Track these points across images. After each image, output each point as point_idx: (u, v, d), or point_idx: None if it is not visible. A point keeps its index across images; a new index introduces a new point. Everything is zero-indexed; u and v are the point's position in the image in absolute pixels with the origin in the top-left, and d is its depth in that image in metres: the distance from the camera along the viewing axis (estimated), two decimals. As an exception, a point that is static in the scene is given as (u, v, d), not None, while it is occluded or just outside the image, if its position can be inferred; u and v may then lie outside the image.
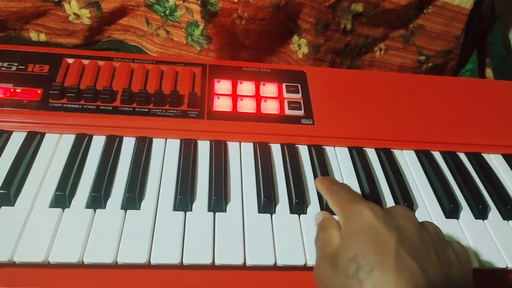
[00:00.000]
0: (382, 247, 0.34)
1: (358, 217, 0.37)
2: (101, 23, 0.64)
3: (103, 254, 0.40)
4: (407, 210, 0.39)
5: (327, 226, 0.41)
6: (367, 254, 0.34)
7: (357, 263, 0.34)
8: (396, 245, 0.34)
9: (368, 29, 0.75)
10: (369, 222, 0.36)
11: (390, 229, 0.35)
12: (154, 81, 0.56)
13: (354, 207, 0.38)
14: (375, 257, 0.33)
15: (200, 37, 0.62)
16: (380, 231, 0.35)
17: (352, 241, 0.36)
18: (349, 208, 0.39)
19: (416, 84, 0.64)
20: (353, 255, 0.34)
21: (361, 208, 0.38)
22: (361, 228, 0.36)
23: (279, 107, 0.56)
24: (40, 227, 0.42)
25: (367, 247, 0.34)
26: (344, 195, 0.41)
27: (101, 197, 0.44)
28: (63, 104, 0.52)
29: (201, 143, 0.53)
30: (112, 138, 0.51)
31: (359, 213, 0.37)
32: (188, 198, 0.45)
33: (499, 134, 0.60)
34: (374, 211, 0.37)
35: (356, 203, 0.39)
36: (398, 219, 0.37)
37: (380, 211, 0.37)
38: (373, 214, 0.36)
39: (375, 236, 0.35)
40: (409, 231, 0.36)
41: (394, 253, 0.33)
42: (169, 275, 0.42)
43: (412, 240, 0.35)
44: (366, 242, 0.35)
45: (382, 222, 0.36)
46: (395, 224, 0.36)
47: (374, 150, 0.56)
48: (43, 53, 0.58)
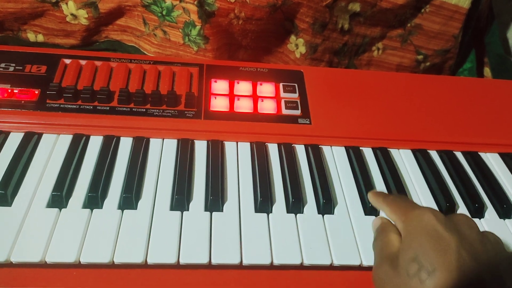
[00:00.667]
0: (444, 249, 0.34)
1: (419, 219, 0.37)
2: (98, 23, 0.64)
3: (100, 254, 0.40)
4: (468, 218, 0.39)
5: (386, 230, 0.41)
6: (429, 255, 0.34)
7: (418, 263, 0.34)
8: (458, 247, 0.34)
9: (365, 29, 0.75)
10: (431, 224, 0.36)
11: (452, 232, 0.35)
12: (151, 81, 0.56)
13: (415, 211, 0.39)
14: (437, 257, 0.34)
15: (197, 37, 0.62)
16: (441, 233, 0.35)
17: (413, 242, 0.36)
18: (409, 212, 0.39)
19: (413, 84, 0.64)
20: (415, 255, 0.35)
21: (423, 211, 0.38)
22: (423, 230, 0.36)
23: (276, 106, 0.56)
24: (37, 227, 0.42)
25: (429, 248, 0.35)
26: (402, 203, 0.42)
27: (98, 197, 0.44)
28: (60, 105, 0.52)
29: (198, 143, 0.53)
30: (109, 138, 0.51)
31: (421, 216, 0.38)
32: (185, 197, 0.46)
33: (496, 133, 0.60)
34: (436, 214, 0.37)
35: (417, 208, 0.39)
36: (459, 225, 0.37)
37: (441, 215, 0.38)
38: (435, 217, 0.37)
39: (436, 238, 0.35)
40: (470, 237, 0.36)
41: (457, 254, 0.34)
42: (166, 275, 0.42)
43: (473, 245, 0.35)
44: (427, 243, 0.35)
45: (444, 225, 0.36)
46: (456, 228, 0.36)
47: (371, 149, 0.57)
48: (40, 53, 0.58)
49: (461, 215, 0.39)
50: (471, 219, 0.39)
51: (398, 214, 0.40)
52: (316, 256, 0.43)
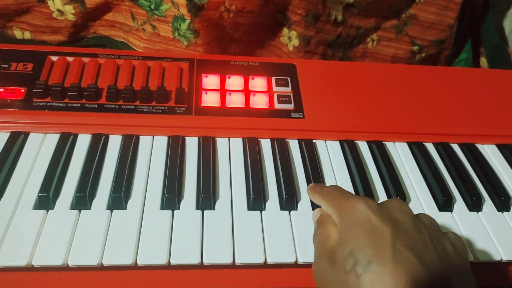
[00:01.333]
0: (378, 240, 0.34)
1: (352, 211, 0.37)
2: (85, 19, 0.62)
3: (88, 256, 0.39)
4: (402, 202, 0.38)
5: (325, 223, 0.40)
6: (364, 248, 0.34)
7: (354, 257, 0.33)
8: (392, 237, 0.34)
9: (359, 20, 0.74)
10: (364, 216, 0.36)
11: (385, 222, 0.35)
12: (140, 77, 0.55)
13: (348, 203, 0.38)
14: (372, 250, 0.33)
15: (187, 31, 0.60)
16: (375, 224, 0.35)
17: (348, 236, 0.36)
18: (343, 204, 0.38)
19: (409, 75, 0.63)
20: (350, 250, 0.34)
21: (355, 202, 0.37)
22: (356, 222, 0.36)
23: (269, 101, 0.55)
24: (24, 229, 0.41)
25: (364, 241, 0.34)
26: (336, 194, 0.41)
27: (86, 197, 0.43)
28: (47, 103, 0.51)
29: (189, 139, 0.52)
30: (98, 137, 0.50)
31: (353, 207, 0.37)
32: (175, 196, 0.44)
33: (494, 124, 0.59)
34: (368, 204, 0.37)
35: (350, 199, 0.38)
36: (393, 212, 0.37)
37: (374, 204, 0.37)
38: (368, 207, 0.36)
39: (370, 229, 0.35)
40: (405, 223, 0.36)
41: (391, 245, 0.33)
42: (156, 276, 0.41)
43: (408, 232, 0.35)
44: (362, 236, 0.35)
45: (377, 214, 0.36)
46: (390, 216, 0.36)
47: (366, 143, 0.56)
48: (26, 51, 0.56)
49: (394, 200, 0.39)
50: (404, 204, 0.38)
51: (333, 207, 0.40)
52: (310, 254, 0.42)
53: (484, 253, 0.45)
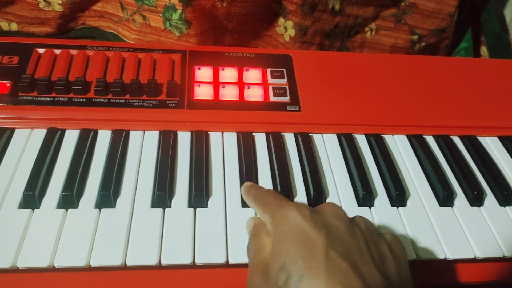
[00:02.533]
0: (311, 251, 0.32)
1: (285, 220, 0.35)
2: (73, 9, 0.60)
3: (75, 257, 0.38)
4: (336, 206, 0.37)
5: (259, 233, 0.38)
6: (296, 261, 0.32)
7: (286, 272, 0.32)
8: (326, 247, 0.32)
9: (357, 9, 0.72)
10: (296, 224, 0.34)
11: (319, 229, 0.33)
12: (130, 70, 0.53)
13: (280, 211, 0.36)
14: (304, 263, 0.31)
15: (178, 22, 0.58)
16: (307, 232, 0.33)
17: (280, 247, 0.33)
18: (275, 213, 0.36)
19: (408, 65, 0.61)
20: (282, 263, 0.32)
21: (287, 210, 0.35)
22: (289, 232, 0.34)
23: (264, 93, 0.53)
24: (8, 229, 0.39)
25: (296, 253, 0.32)
26: (270, 200, 0.38)
27: (73, 195, 0.42)
28: (33, 97, 0.49)
29: (181, 134, 0.50)
30: (86, 132, 0.48)
31: (286, 216, 0.35)
32: (166, 193, 0.43)
33: (495, 115, 0.58)
34: (301, 211, 0.35)
35: (282, 207, 0.36)
36: (326, 217, 0.35)
37: (307, 211, 0.35)
38: (300, 215, 0.34)
39: (303, 239, 0.33)
40: (339, 229, 0.34)
41: (324, 255, 0.31)
42: (147, 276, 0.40)
43: (342, 239, 0.33)
44: (294, 247, 0.33)
45: (310, 222, 0.34)
46: (324, 223, 0.34)
47: (364, 136, 0.54)
48: (12, 43, 0.54)
49: (328, 204, 0.37)
50: (339, 208, 0.36)
51: (267, 214, 0.37)
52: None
53: (486, 249, 0.43)
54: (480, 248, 0.43)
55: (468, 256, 0.43)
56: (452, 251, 0.43)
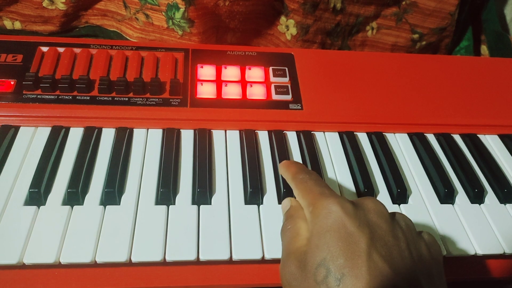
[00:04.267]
0: (353, 250, 0.31)
1: (326, 213, 0.34)
2: (76, 8, 0.61)
3: (81, 253, 0.38)
4: (378, 203, 0.36)
5: (295, 217, 0.37)
6: (337, 258, 0.31)
7: (326, 268, 0.31)
8: (368, 247, 0.32)
9: (359, 8, 0.72)
10: (339, 220, 0.33)
11: (361, 228, 0.33)
12: (133, 68, 0.53)
13: (322, 202, 0.35)
14: (346, 262, 0.31)
15: (181, 21, 0.59)
16: (350, 230, 0.32)
17: (321, 242, 0.33)
18: (316, 202, 0.35)
19: (409, 64, 0.62)
20: (322, 259, 0.32)
21: (330, 203, 0.34)
22: (330, 227, 0.33)
23: (266, 92, 0.54)
24: (14, 226, 0.40)
25: (337, 250, 0.32)
26: (311, 186, 0.37)
27: (78, 193, 0.42)
28: (37, 95, 0.50)
29: (185, 132, 0.51)
30: (90, 130, 0.49)
31: (328, 209, 0.34)
32: (170, 191, 0.43)
33: (495, 114, 0.58)
34: (344, 207, 0.34)
35: (325, 197, 0.35)
36: (369, 214, 0.34)
37: (350, 207, 0.34)
38: (343, 211, 0.34)
39: (345, 237, 0.32)
40: (381, 229, 0.33)
41: (366, 256, 0.31)
42: (152, 273, 0.40)
43: (384, 239, 0.33)
44: (335, 243, 0.32)
45: (353, 219, 0.33)
46: (366, 220, 0.34)
47: (366, 134, 0.54)
48: (16, 41, 0.55)
49: (370, 200, 0.36)
50: (380, 204, 0.36)
51: (307, 200, 0.37)
52: (309, 249, 0.41)
53: (486, 246, 0.44)
54: (480, 245, 0.44)
55: (468, 253, 0.43)
56: (453, 248, 0.43)
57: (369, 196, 0.38)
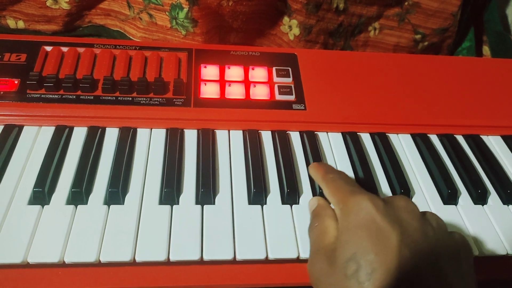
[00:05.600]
0: (383, 245, 0.31)
1: (357, 209, 0.34)
2: (80, 7, 0.61)
3: (85, 252, 0.38)
4: (409, 201, 0.36)
5: (322, 215, 0.38)
6: (368, 253, 0.31)
7: (357, 263, 0.31)
8: (399, 243, 0.32)
9: (361, 8, 0.72)
10: (370, 216, 0.33)
11: (392, 224, 0.33)
12: (137, 68, 0.53)
13: (353, 199, 0.35)
14: (376, 256, 0.31)
15: (185, 21, 0.59)
16: (381, 226, 0.32)
17: (351, 237, 0.33)
18: (347, 199, 0.36)
19: (411, 64, 0.62)
20: (352, 253, 0.32)
21: (361, 200, 0.35)
22: (361, 222, 0.33)
23: (269, 92, 0.54)
24: (18, 225, 0.40)
25: (368, 245, 0.32)
26: (341, 185, 0.38)
27: (82, 192, 0.42)
28: (41, 95, 0.50)
29: (188, 132, 0.51)
30: (94, 129, 0.49)
31: (358, 205, 0.34)
32: (174, 190, 0.43)
33: (498, 115, 0.58)
34: (375, 203, 0.34)
35: (355, 194, 0.36)
36: (400, 212, 0.34)
37: (381, 204, 0.34)
38: (374, 207, 0.34)
39: (376, 233, 0.32)
40: (412, 226, 0.33)
41: (397, 252, 0.31)
42: (156, 272, 0.40)
43: (415, 237, 0.33)
44: (366, 239, 0.32)
45: (383, 216, 0.33)
46: (397, 217, 0.34)
47: (369, 134, 0.54)
48: (20, 41, 0.55)
49: (401, 198, 0.36)
50: (411, 203, 0.36)
51: (337, 198, 0.37)
52: (313, 249, 0.41)
53: (489, 247, 0.44)
54: (483, 246, 0.44)
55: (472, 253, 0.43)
56: (456, 249, 0.43)
57: (400, 195, 0.38)
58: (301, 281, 0.42)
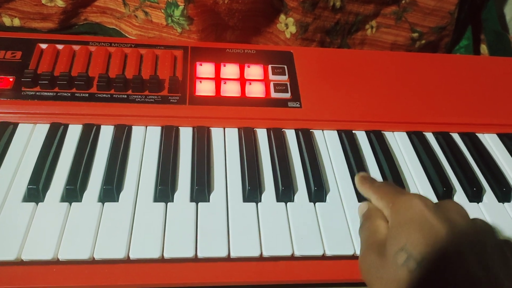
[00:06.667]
0: (433, 240, 0.33)
1: (408, 206, 0.36)
2: (76, 5, 0.61)
3: (79, 250, 0.38)
4: (459, 205, 0.37)
5: (373, 216, 0.40)
6: (418, 245, 0.33)
7: (407, 252, 0.33)
8: (447, 239, 0.32)
9: (358, 6, 0.72)
10: (420, 212, 0.35)
11: (441, 221, 0.34)
12: (132, 66, 0.53)
13: (403, 198, 0.37)
14: (426, 248, 0.32)
15: (180, 18, 0.59)
16: (431, 222, 0.34)
17: (402, 230, 0.34)
18: (396, 199, 0.37)
19: (408, 63, 0.62)
20: (403, 245, 0.33)
21: (411, 198, 0.36)
22: (411, 218, 0.35)
23: (265, 90, 0.54)
24: (12, 222, 0.40)
25: (418, 237, 0.33)
26: (389, 189, 0.40)
27: (76, 189, 0.42)
28: (36, 92, 0.50)
29: (183, 129, 0.51)
30: (89, 127, 0.49)
31: (409, 202, 0.36)
32: (169, 188, 0.43)
33: (494, 113, 0.58)
34: (424, 201, 0.36)
35: (405, 194, 0.37)
36: (449, 212, 0.35)
37: (430, 202, 0.36)
38: (423, 204, 0.35)
39: (426, 228, 0.33)
40: (461, 226, 0.34)
41: (445, 243, 0.32)
42: (150, 269, 0.40)
43: (463, 237, 0.34)
44: (416, 232, 0.33)
45: (433, 213, 0.34)
46: (446, 216, 0.34)
47: (364, 132, 0.54)
48: (15, 38, 0.55)
49: (451, 202, 0.37)
50: (461, 206, 0.37)
51: (386, 200, 0.39)
52: (307, 246, 0.41)
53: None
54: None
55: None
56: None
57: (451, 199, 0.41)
58: (295, 278, 0.42)
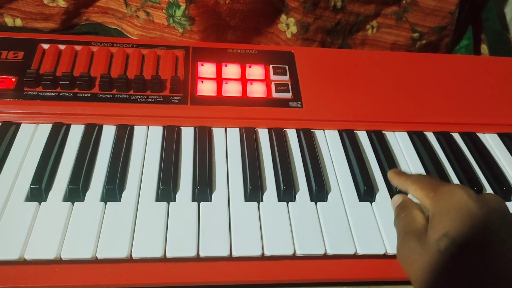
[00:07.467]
0: (476, 228, 0.33)
1: (450, 195, 0.37)
2: (78, 5, 0.61)
3: (82, 249, 0.39)
4: (500, 198, 0.38)
5: (408, 207, 0.41)
6: (460, 232, 0.33)
7: (449, 238, 0.33)
8: (490, 228, 0.33)
9: (359, 6, 0.72)
10: (462, 202, 0.35)
11: (484, 211, 0.34)
12: (134, 66, 0.54)
13: (445, 187, 0.38)
14: (469, 235, 0.33)
15: (182, 18, 0.59)
16: (473, 211, 0.34)
17: (444, 218, 0.35)
18: (438, 188, 0.38)
19: (409, 63, 0.62)
20: (446, 231, 0.34)
21: (453, 187, 0.37)
22: (453, 206, 0.35)
23: (266, 90, 0.54)
24: (15, 222, 0.40)
25: (461, 224, 0.34)
26: (428, 180, 0.41)
27: (79, 189, 0.42)
28: (38, 92, 0.50)
29: (185, 129, 0.51)
30: (91, 127, 0.49)
31: (451, 192, 0.37)
32: (171, 188, 0.43)
33: (495, 112, 0.58)
34: (467, 191, 0.36)
35: (446, 184, 0.38)
36: (491, 203, 0.36)
37: (472, 192, 0.37)
38: (466, 194, 0.36)
39: (468, 215, 0.34)
40: (503, 218, 0.35)
41: (488, 236, 0.33)
42: (152, 269, 0.40)
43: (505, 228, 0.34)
44: (459, 219, 0.34)
45: (476, 202, 0.35)
46: (489, 207, 0.35)
47: (365, 132, 0.54)
48: (17, 38, 0.55)
49: (492, 194, 0.38)
50: (502, 200, 0.38)
51: (426, 190, 0.39)
52: (309, 246, 0.41)
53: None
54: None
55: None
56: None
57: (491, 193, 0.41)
58: (297, 278, 0.42)
